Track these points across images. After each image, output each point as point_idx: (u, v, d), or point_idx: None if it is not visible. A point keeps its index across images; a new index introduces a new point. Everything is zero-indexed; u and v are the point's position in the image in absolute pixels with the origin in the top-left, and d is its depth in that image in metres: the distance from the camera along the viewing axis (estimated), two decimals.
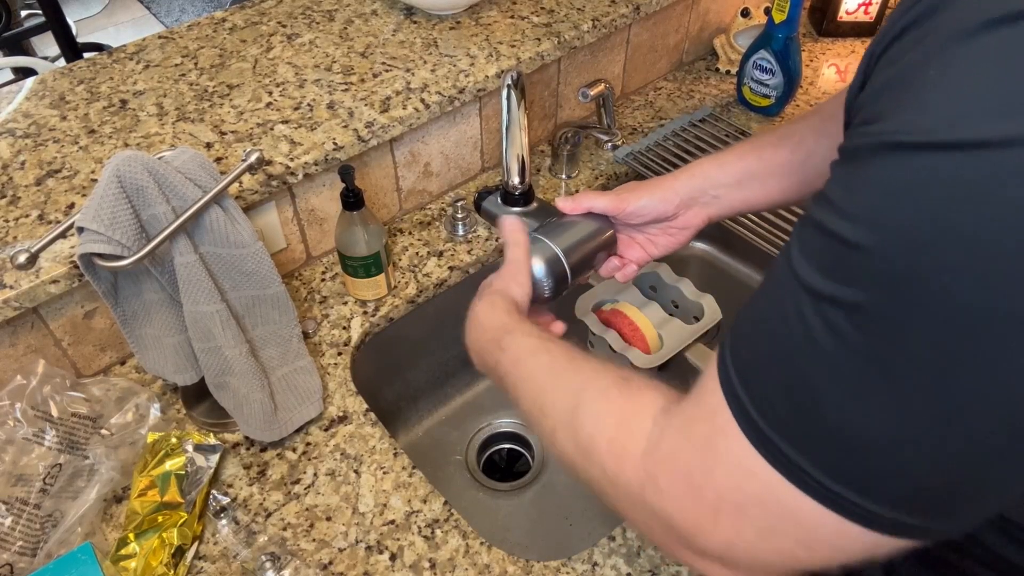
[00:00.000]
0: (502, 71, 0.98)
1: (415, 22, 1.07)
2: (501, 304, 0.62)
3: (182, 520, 0.69)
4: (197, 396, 0.81)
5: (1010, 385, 0.28)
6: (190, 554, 0.70)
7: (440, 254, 0.99)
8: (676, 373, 0.95)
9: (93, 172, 0.83)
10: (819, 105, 0.67)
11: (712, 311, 0.94)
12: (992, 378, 0.28)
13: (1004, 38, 0.26)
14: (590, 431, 0.47)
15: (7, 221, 0.78)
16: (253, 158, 0.75)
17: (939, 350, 0.29)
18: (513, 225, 0.69)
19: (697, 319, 0.94)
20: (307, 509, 0.74)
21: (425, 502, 0.74)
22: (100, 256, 0.67)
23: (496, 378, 0.60)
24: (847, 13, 1.35)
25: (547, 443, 0.52)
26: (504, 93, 0.84)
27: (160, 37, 1.04)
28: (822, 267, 0.32)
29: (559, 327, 0.68)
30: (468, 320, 0.64)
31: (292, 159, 0.85)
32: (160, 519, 0.69)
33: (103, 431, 0.75)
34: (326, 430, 0.80)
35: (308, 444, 0.79)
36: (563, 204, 0.72)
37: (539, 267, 0.69)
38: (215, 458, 0.74)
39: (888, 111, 0.29)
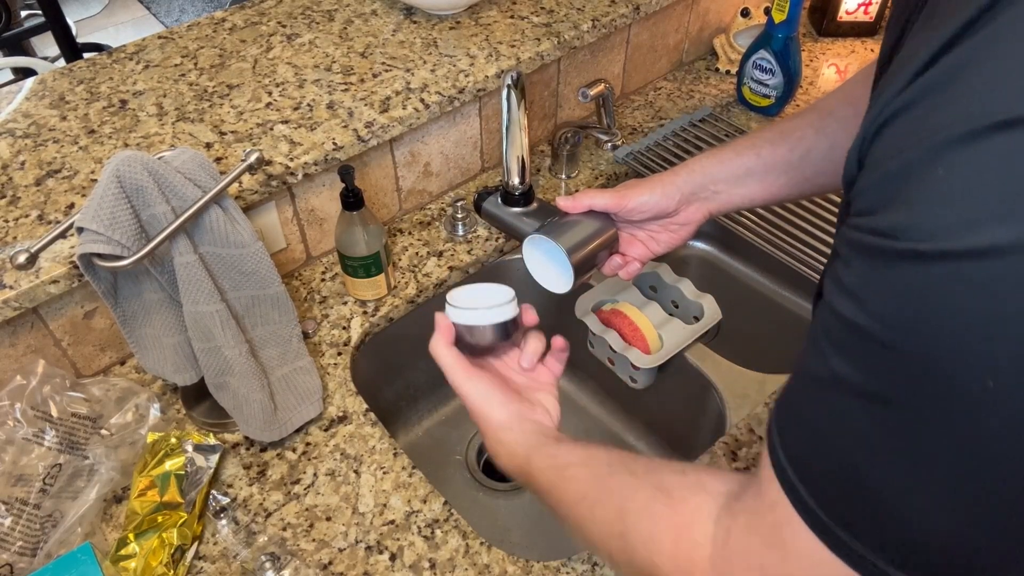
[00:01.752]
0: (502, 71, 0.98)
1: (415, 22, 1.07)
2: (509, 441, 0.60)
3: (182, 520, 0.69)
4: (197, 396, 0.81)
5: None
6: (190, 554, 0.70)
7: (440, 254, 0.99)
8: (676, 373, 0.95)
9: (93, 172, 0.83)
10: (815, 103, 0.67)
11: (712, 311, 0.94)
12: None
13: (1011, 142, 0.26)
14: (646, 554, 0.46)
15: (7, 221, 0.78)
16: (253, 158, 0.75)
17: (984, 444, 0.29)
18: (436, 347, 0.62)
19: (697, 319, 0.94)
20: (307, 509, 0.74)
21: (425, 502, 0.74)
22: (100, 256, 0.67)
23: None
24: (847, 13, 1.35)
25: (609, 564, 0.51)
26: (504, 93, 0.84)
27: (160, 37, 1.04)
28: (854, 359, 0.32)
29: (559, 342, 0.66)
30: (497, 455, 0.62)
31: (292, 159, 0.85)
32: (160, 519, 0.69)
33: (103, 431, 0.75)
34: (326, 430, 0.80)
35: (308, 444, 0.79)
36: (563, 203, 0.72)
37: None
38: (215, 458, 0.74)
39: (897, 206, 0.29)
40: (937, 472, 0.31)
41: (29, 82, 0.98)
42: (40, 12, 2.12)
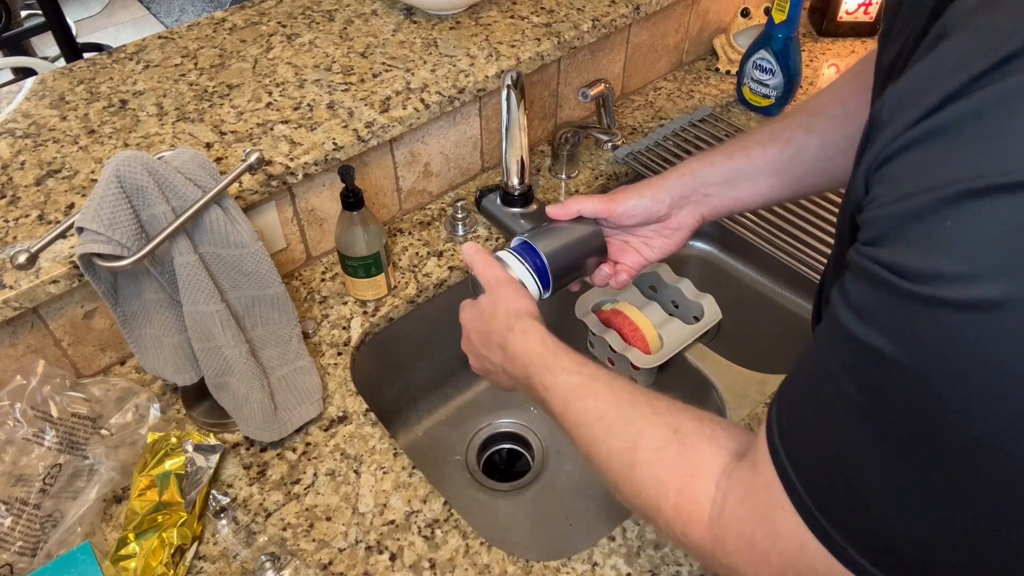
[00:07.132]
0: (502, 71, 0.98)
1: (415, 22, 1.07)
2: (534, 333, 0.61)
3: (182, 520, 0.69)
4: (197, 396, 0.81)
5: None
6: (190, 554, 0.70)
7: (440, 254, 0.99)
8: (676, 373, 0.95)
9: (93, 172, 0.83)
10: (804, 103, 0.67)
11: (712, 311, 0.94)
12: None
13: (1016, 203, 0.27)
14: (651, 494, 0.48)
15: (7, 221, 0.78)
16: (253, 158, 0.75)
17: (968, 475, 0.31)
18: (470, 248, 0.69)
19: (697, 319, 0.94)
20: (307, 509, 0.74)
21: (425, 502, 0.74)
22: (100, 256, 0.67)
23: (545, 411, 0.60)
24: (847, 13, 1.35)
25: (611, 488, 0.53)
26: (504, 93, 0.84)
27: (160, 37, 1.04)
28: (854, 377, 0.34)
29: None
30: (498, 351, 0.63)
31: (292, 159, 0.85)
32: (160, 519, 0.69)
33: (103, 431, 0.75)
34: (326, 430, 0.80)
35: (308, 444, 0.79)
36: (552, 210, 0.72)
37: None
38: (215, 458, 0.74)
39: (908, 250, 0.30)
40: (919, 484, 0.32)
41: (29, 82, 0.98)
42: (40, 12, 2.13)
